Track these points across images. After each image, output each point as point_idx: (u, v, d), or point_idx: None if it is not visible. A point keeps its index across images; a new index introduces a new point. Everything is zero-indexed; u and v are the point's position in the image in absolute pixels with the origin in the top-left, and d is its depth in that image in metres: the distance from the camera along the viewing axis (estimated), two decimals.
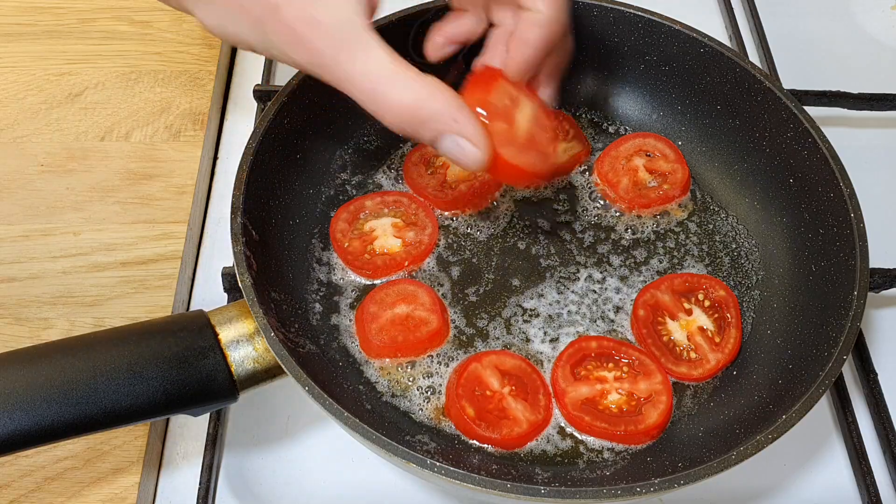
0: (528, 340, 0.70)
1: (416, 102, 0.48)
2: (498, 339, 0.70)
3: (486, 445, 0.64)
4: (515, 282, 0.73)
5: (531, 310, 0.72)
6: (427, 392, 0.67)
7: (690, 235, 0.77)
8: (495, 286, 0.73)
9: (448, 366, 0.68)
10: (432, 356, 0.68)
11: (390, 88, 0.48)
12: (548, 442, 0.65)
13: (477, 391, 0.65)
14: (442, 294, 0.72)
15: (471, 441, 0.64)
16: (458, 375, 0.66)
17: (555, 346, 0.69)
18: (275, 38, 0.49)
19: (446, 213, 0.77)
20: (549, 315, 0.71)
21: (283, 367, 0.58)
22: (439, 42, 0.59)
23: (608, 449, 0.64)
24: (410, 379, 0.67)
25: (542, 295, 0.72)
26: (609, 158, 0.80)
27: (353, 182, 0.78)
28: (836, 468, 0.71)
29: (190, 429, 0.71)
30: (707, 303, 0.71)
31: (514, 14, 0.59)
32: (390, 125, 0.51)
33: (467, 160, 0.50)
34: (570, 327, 0.71)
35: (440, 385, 0.67)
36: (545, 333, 0.70)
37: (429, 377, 0.67)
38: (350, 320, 0.70)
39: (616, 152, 0.80)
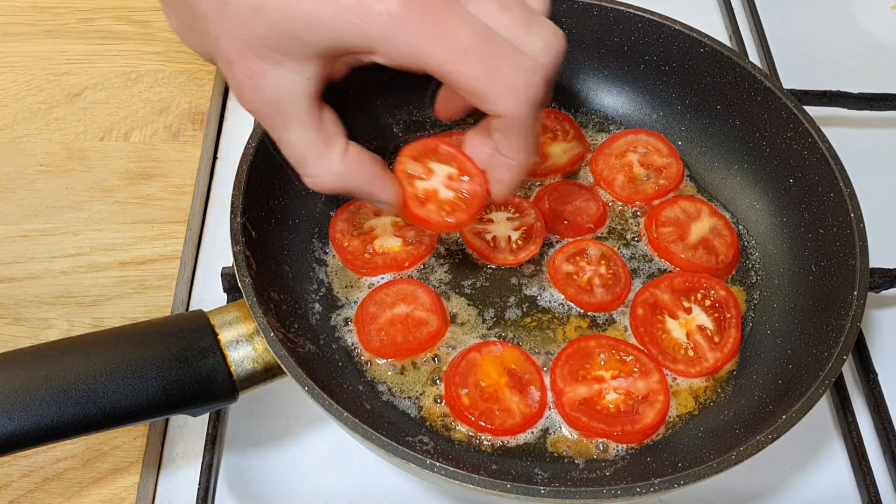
0: (527, 337, 0.70)
1: (338, 183, 0.55)
2: (497, 335, 0.70)
3: (482, 437, 0.64)
4: (514, 280, 0.73)
5: (530, 307, 0.71)
6: (427, 392, 0.67)
7: None
8: (494, 283, 0.73)
9: (447, 365, 0.68)
10: (432, 356, 0.68)
11: (313, 165, 0.54)
12: (547, 442, 0.65)
13: (473, 380, 0.65)
14: (441, 292, 0.72)
15: (470, 441, 0.64)
16: (457, 363, 0.66)
17: (553, 343, 0.69)
18: (228, 82, 0.52)
19: None
20: (549, 312, 0.71)
21: (282, 367, 0.58)
22: (444, 107, 0.63)
23: (608, 449, 0.64)
24: (410, 379, 0.67)
25: (541, 292, 0.72)
26: (602, 156, 0.80)
27: None
28: (836, 468, 0.71)
29: (189, 429, 0.71)
30: (707, 302, 0.71)
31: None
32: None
33: (383, 209, 0.64)
34: (570, 325, 0.71)
35: (440, 385, 0.67)
36: (544, 331, 0.70)
37: (429, 377, 0.67)
38: (350, 320, 0.70)
39: (609, 150, 0.80)
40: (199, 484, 0.65)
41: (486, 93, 0.50)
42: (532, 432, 0.65)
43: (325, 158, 0.54)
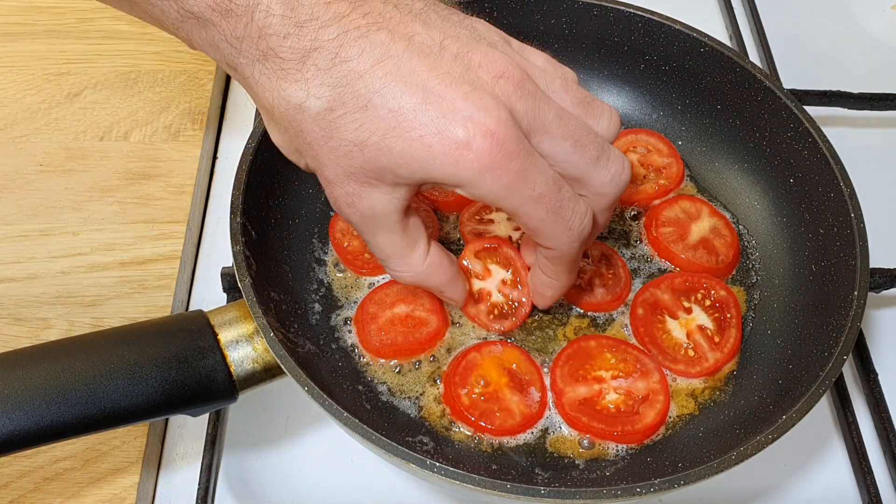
0: (527, 337, 0.70)
1: (416, 280, 0.61)
2: (497, 335, 0.70)
3: (482, 438, 0.64)
4: None
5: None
6: (427, 392, 0.67)
7: None
8: None
9: (447, 365, 0.68)
10: (432, 356, 0.68)
11: (396, 264, 0.60)
12: (547, 442, 0.65)
13: (473, 380, 0.65)
14: None
15: (470, 441, 0.64)
16: (457, 363, 0.66)
17: (553, 343, 0.69)
18: (327, 195, 0.57)
19: (445, 213, 0.77)
20: (549, 312, 0.71)
21: (282, 367, 0.58)
22: None
23: (608, 449, 0.64)
24: (410, 379, 0.67)
25: None
26: None
27: None
28: (836, 468, 0.71)
29: (189, 429, 0.71)
30: (707, 302, 0.71)
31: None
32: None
33: (450, 304, 0.70)
34: (570, 325, 0.71)
35: (440, 385, 0.67)
36: (544, 330, 0.70)
37: (429, 377, 0.67)
38: (350, 320, 0.70)
39: None
40: (199, 484, 0.65)
41: (545, 232, 0.56)
42: (532, 432, 0.65)
43: (408, 259, 0.60)
